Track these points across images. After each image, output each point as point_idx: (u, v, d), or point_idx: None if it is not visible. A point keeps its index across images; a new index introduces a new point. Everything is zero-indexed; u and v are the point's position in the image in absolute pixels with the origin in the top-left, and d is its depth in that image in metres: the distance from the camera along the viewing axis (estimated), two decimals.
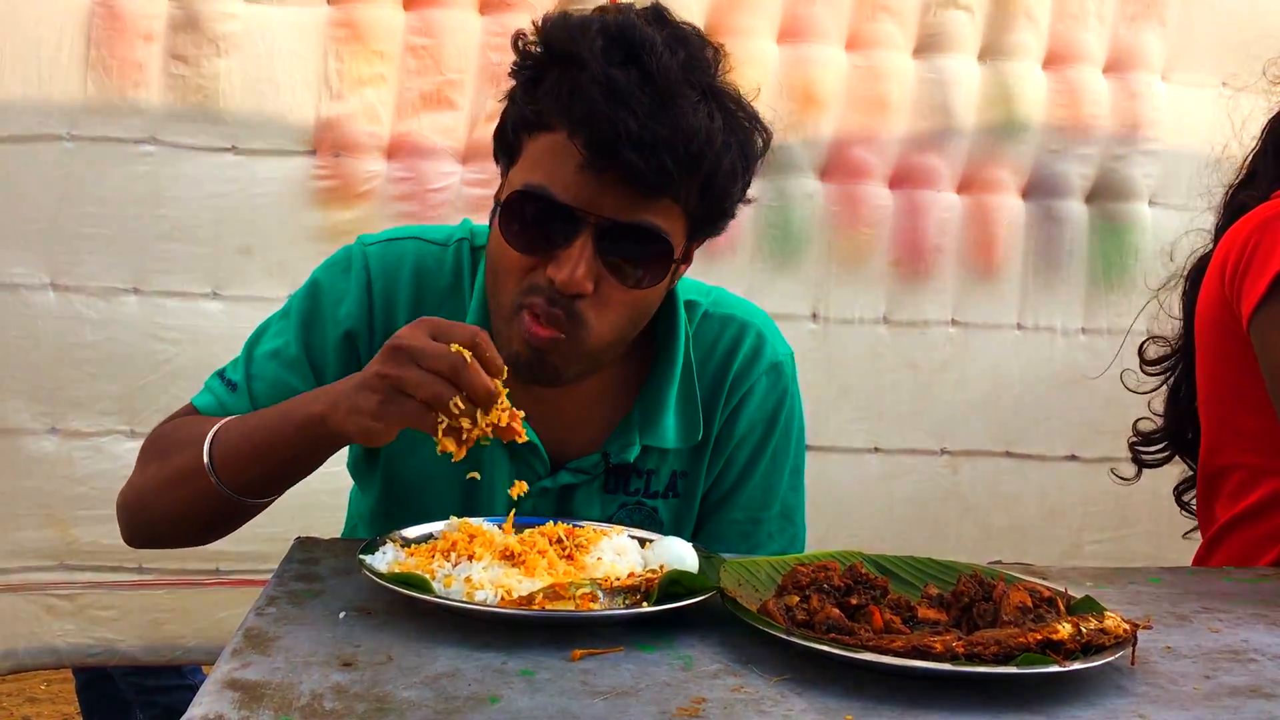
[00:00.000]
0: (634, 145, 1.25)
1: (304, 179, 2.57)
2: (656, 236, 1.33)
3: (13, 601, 2.54)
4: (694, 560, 1.29)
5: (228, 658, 1.04)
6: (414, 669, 1.04)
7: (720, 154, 1.31)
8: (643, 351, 1.52)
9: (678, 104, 1.27)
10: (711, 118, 1.30)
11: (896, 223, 2.77)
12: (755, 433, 1.57)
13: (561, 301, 1.32)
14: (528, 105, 1.34)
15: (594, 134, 1.26)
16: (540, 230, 1.33)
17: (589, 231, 1.31)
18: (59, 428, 2.53)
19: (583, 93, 1.27)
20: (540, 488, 1.49)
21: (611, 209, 1.30)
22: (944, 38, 2.74)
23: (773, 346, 1.59)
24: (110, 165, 2.50)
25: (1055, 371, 2.86)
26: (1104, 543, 2.89)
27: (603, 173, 1.28)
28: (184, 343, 2.54)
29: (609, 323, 1.36)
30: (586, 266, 1.30)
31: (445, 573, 1.19)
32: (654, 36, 1.29)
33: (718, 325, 1.56)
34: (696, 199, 1.34)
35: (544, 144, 1.33)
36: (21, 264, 2.49)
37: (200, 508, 1.39)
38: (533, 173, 1.33)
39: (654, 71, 1.26)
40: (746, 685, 1.04)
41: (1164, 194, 2.87)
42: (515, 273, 1.35)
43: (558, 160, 1.30)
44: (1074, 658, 1.05)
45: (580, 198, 1.30)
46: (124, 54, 2.49)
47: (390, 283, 1.50)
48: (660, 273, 1.37)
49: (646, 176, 1.27)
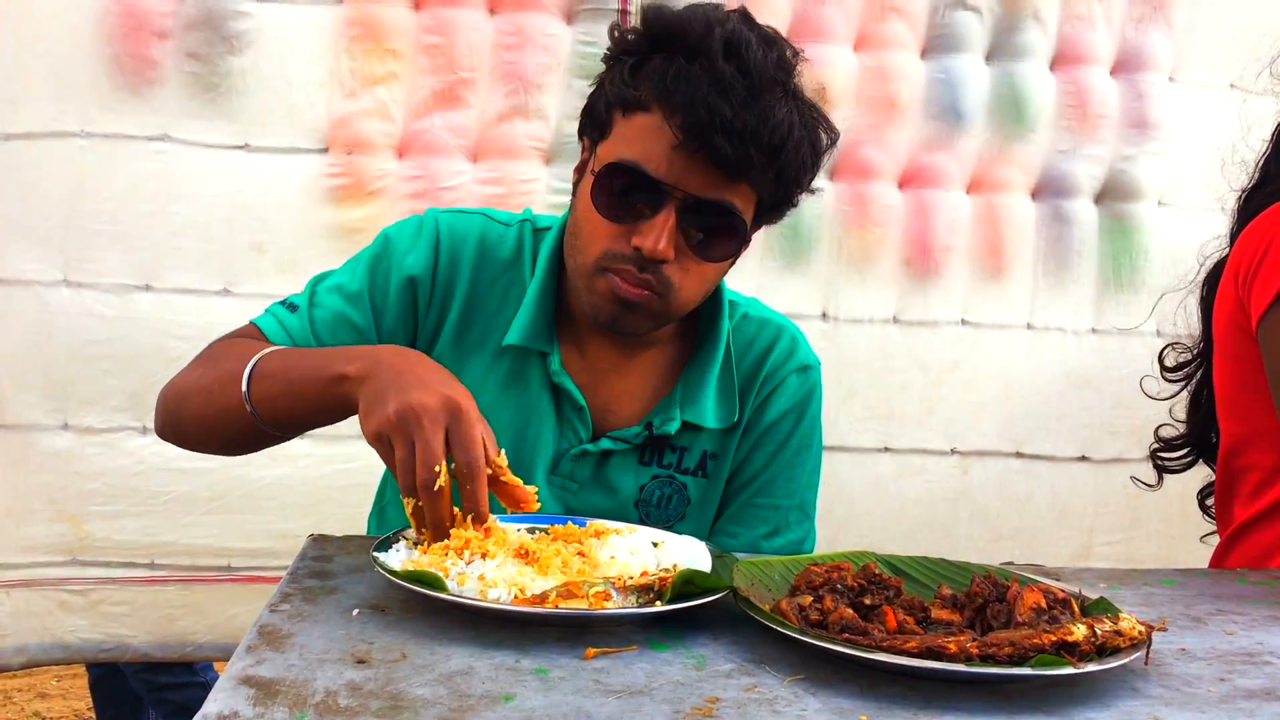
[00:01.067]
0: (726, 131, 1.36)
1: (317, 177, 2.58)
2: (732, 214, 1.45)
3: (25, 597, 2.55)
4: (707, 560, 1.30)
5: (242, 654, 1.05)
6: (428, 666, 1.04)
7: (797, 147, 1.42)
8: (687, 338, 1.65)
9: (767, 98, 1.38)
10: (792, 114, 1.41)
11: (906, 222, 2.77)
12: (783, 425, 1.67)
13: (650, 267, 1.44)
14: (627, 87, 1.44)
15: (692, 117, 1.37)
16: (629, 201, 1.44)
17: (674, 205, 1.42)
18: (71, 423, 2.54)
19: (687, 79, 1.38)
20: (582, 449, 1.59)
21: (696, 187, 1.41)
22: (952, 38, 2.75)
23: (805, 350, 1.71)
24: (123, 162, 2.51)
25: (1066, 372, 2.86)
26: (1115, 544, 2.89)
27: (694, 154, 1.39)
28: (196, 339, 2.52)
29: (687, 288, 1.48)
30: (670, 237, 1.42)
31: (459, 570, 1.19)
32: (750, 35, 1.41)
33: (756, 326, 1.69)
34: (770, 185, 1.45)
35: (640, 123, 1.43)
36: (35, 260, 2.50)
37: (226, 420, 1.45)
38: (627, 148, 1.44)
39: (751, 67, 1.38)
40: (760, 685, 1.04)
41: (1173, 195, 2.87)
42: (601, 238, 1.46)
43: (653, 139, 1.41)
44: (1089, 659, 1.05)
45: (670, 174, 1.41)
46: (138, 51, 2.50)
47: (457, 247, 1.60)
48: (731, 248, 1.49)
49: (732, 161, 1.38)
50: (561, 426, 1.60)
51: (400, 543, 1.29)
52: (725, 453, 1.66)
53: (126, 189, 2.51)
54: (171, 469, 2.53)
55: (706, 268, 1.48)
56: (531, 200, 2.58)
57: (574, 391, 1.57)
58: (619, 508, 1.60)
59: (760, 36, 1.43)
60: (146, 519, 2.55)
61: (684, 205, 1.42)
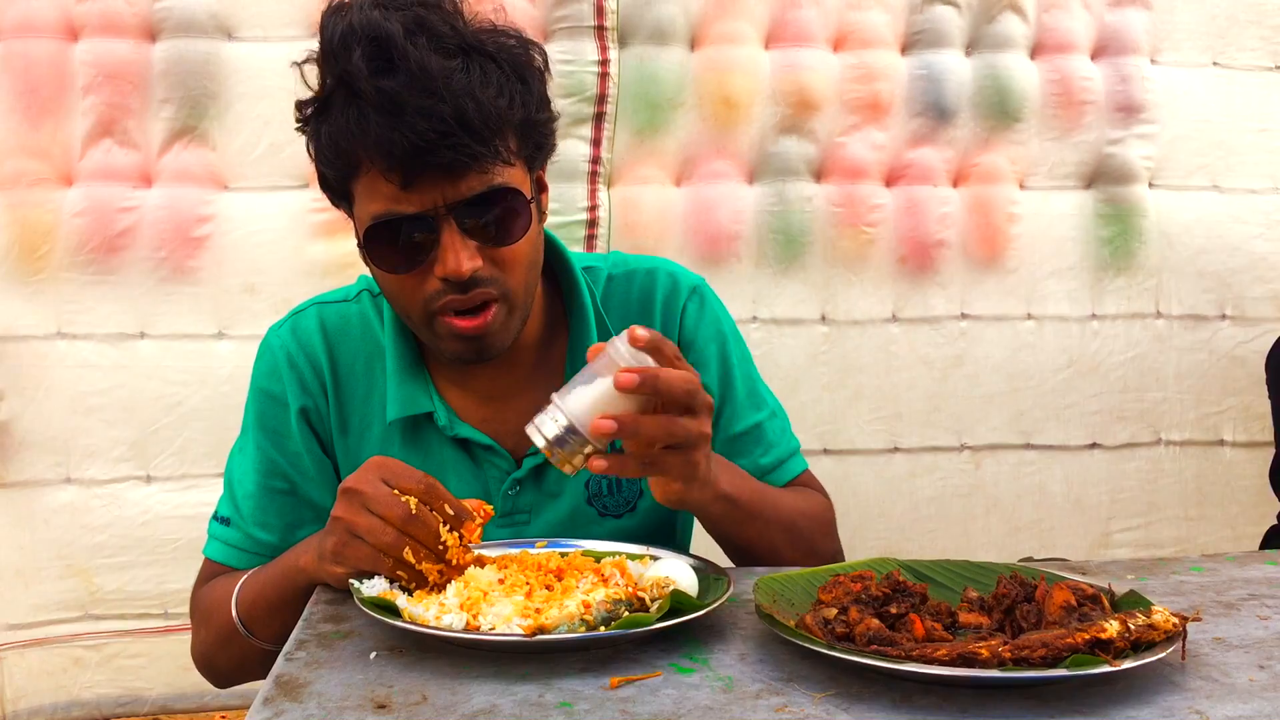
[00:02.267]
0: (429, 150, 1.31)
1: (301, 213, 2.57)
2: (505, 193, 1.39)
3: (40, 656, 2.53)
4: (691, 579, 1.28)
5: (259, 707, 1.02)
6: (450, 708, 1.02)
7: (511, 101, 1.37)
8: (559, 327, 1.61)
9: (447, 86, 1.31)
10: (486, 80, 1.35)
11: (897, 220, 2.77)
12: (707, 353, 1.63)
13: (470, 285, 1.39)
14: (332, 153, 1.39)
15: (394, 156, 1.32)
16: (408, 245, 1.39)
17: (448, 222, 1.37)
18: (74, 477, 2.52)
19: (365, 121, 1.32)
20: (511, 481, 1.55)
21: (451, 195, 1.36)
22: (932, 33, 2.75)
23: (685, 276, 1.66)
24: (109, 210, 2.50)
25: (1070, 360, 2.85)
26: (1134, 529, 2.87)
27: (422, 175, 1.34)
28: (194, 385, 2.54)
29: (514, 276, 1.43)
30: (466, 250, 1.37)
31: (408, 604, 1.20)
32: (390, 27, 1.32)
33: (625, 281, 1.64)
34: (514, 144, 1.41)
35: (365, 181, 1.38)
36: (29, 314, 2.49)
37: (250, 659, 1.48)
38: (373, 204, 1.38)
39: (413, 67, 1.30)
40: (790, 704, 1.02)
41: (1163, 175, 2.86)
42: (410, 290, 1.42)
43: (384, 185, 1.36)
44: (1124, 656, 1.02)
45: (422, 202, 1.36)
46: (114, 99, 2.50)
47: (309, 353, 1.57)
48: (526, 218, 1.43)
49: (459, 160, 1.33)
50: (481, 471, 1.56)
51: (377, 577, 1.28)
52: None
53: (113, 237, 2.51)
54: (178, 516, 2.52)
55: (516, 251, 1.43)
56: None
57: (475, 434, 1.54)
58: (574, 513, 1.56)
59: (407, 22, 1.33)
60: (157, 568, 2.53)
61: (457, 216, 1.37)
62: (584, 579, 1.25)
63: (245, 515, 1.56)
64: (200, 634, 1.56)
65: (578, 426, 1.24)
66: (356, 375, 1.57)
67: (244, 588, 1.46)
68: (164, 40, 2.52)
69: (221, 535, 1.58)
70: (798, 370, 2.73)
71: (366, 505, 1.24)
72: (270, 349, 1.59)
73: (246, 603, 1.45)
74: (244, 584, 1.46)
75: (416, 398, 1.53)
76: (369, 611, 1.18)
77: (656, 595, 1.20)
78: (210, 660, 1.56)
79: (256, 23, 2.55)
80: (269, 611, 1.42)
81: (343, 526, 1.25)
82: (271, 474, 1.56)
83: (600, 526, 1.57)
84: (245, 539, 1.55)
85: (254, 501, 1.55)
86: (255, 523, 1.55)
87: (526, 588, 1.22)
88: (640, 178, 2.70)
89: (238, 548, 1.56)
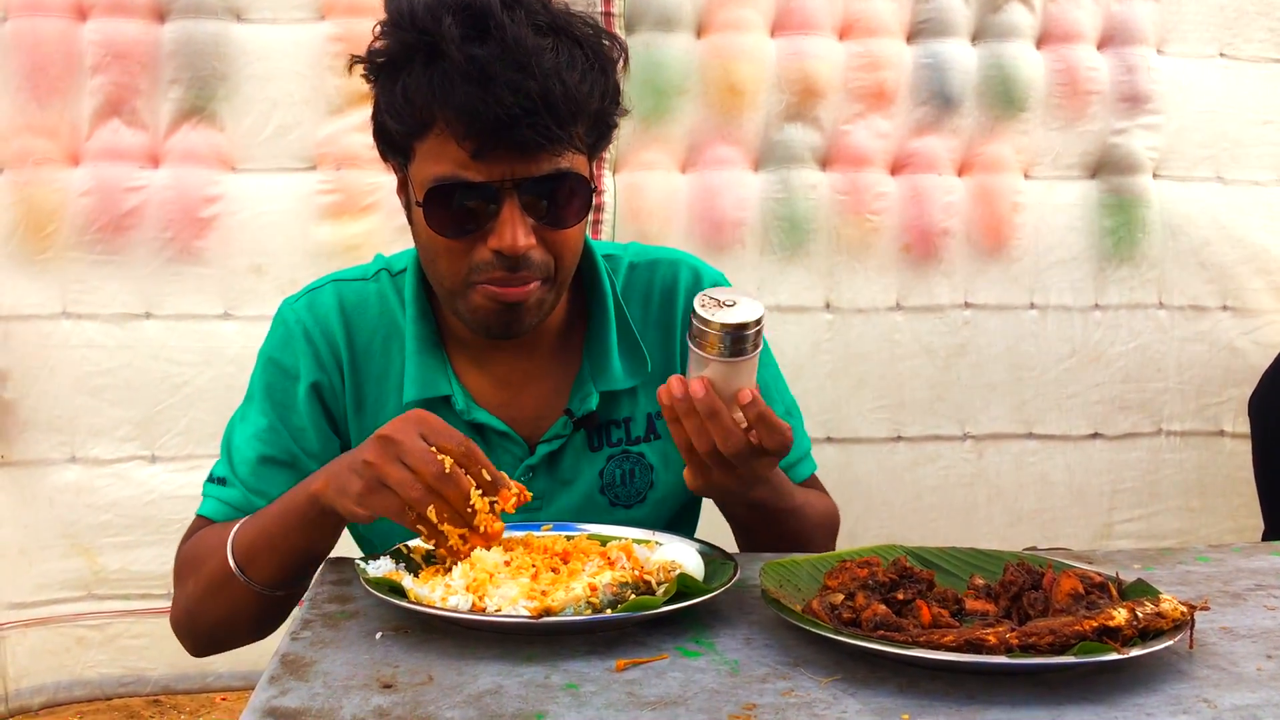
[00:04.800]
0: (510, 123, 1.31)
1: (308, 195, 2.57)
2: (567, 176, 1.40)
3: (42, 635, 2.53)
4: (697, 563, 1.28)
5: (265, 685, 1.03)
6: (456, 688, 1.02)
7: (589, 92, 1.38)
8: (579, 314, 1.60)
9: (538, 63, 1.32)
10: (573, 64, 1.36)
11: (902, 209, 2.77)
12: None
13: (519, 263, 1.39)
14: (403, 112, 1.38)
15: (474, 121, 1.32)
16: (467, 213, 1.39)
17: (510, 196, 1.37)
18: (79, 456, 2.52)
19: (450, 83, 1.32)
20: (524, 468, 1.54)
21: (520, 171, 1.36)
22: (938, 22, 2.75)
23: (707, 269, 1.66)
24: (116, 190, 2.50)
25: (1072, 350, 2.85)
26: (1135, 520, 2.87)
27: (496, 149, 1.34)
28: (199, 365, 2.54)
29: (563, 262, 1.45)
30: (523, 226, 1.37)
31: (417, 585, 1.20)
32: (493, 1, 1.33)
33: (647, 271, 1.64)
34: (585, 133, 1.42)
35: (435, 141, 1.38)
36: (35, 294, 2.49)
37: (240, 610, 1.44)
38: (438, 166, 1.38)
39: (508, 39, 1.31)
40: (797, 689, 1.02)
41: (1168, 166, 2.86)
42: (457, 257, 1.41)
43: (455, 150, 1.35)
44: (1132, 644, 1.03)
45: (490, 173, 1.36)
46: (123, 79, 2.49)
47: (325, 329, 1.56)
48: (583, 205, 1.44)
49: (536, 139, 1.33)
50: (495, 456, 1.53)
51: (384, 558, 1.30)
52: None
53: (120, 217, 2.51)
54: (183, 496, 2.52)
55: (569, 235, 1.44)
56: None
57: (491, 419, 1.53)
58: (586, 501, 1.56)
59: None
60: (161, 548, 2.53)
61: (521, 192, 1.37)
62: (590, 562, 1.25)
63: (241, 481, 1.53)
64: (186, 588, 1.50)
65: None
66: (373, 354, 1.56)
67: (242, 528, 1.41)
68: (173, 20, 2.51)
69: (218, 494, 1.54)
70: (801, 358, 2.73)
71: (400, 456, 1.21)
72: (285, 322, 1.58)
73: (245, 543, 1.39)
74: (242, 525, 1.42)
75: (435, 380, 1.53)
76: (374, 592, 1.18)
77: (663, 579, 1.20)
78: (193, 616, 1.50)
79: (266, 4, 2.54)
80: (270, 548, 1.37)
81: (373, 473, 1.22)
82: (273, 444, 1.54)
83: (611, 516, 1.56)
84: (243, 499, 1.52)
85: (251, 468, 1.53)
86: (251, 490, 1.52)
87: (532, 570, 1.22)
88: (645, 164, 2.69)
89: (235, 506, 1.52)
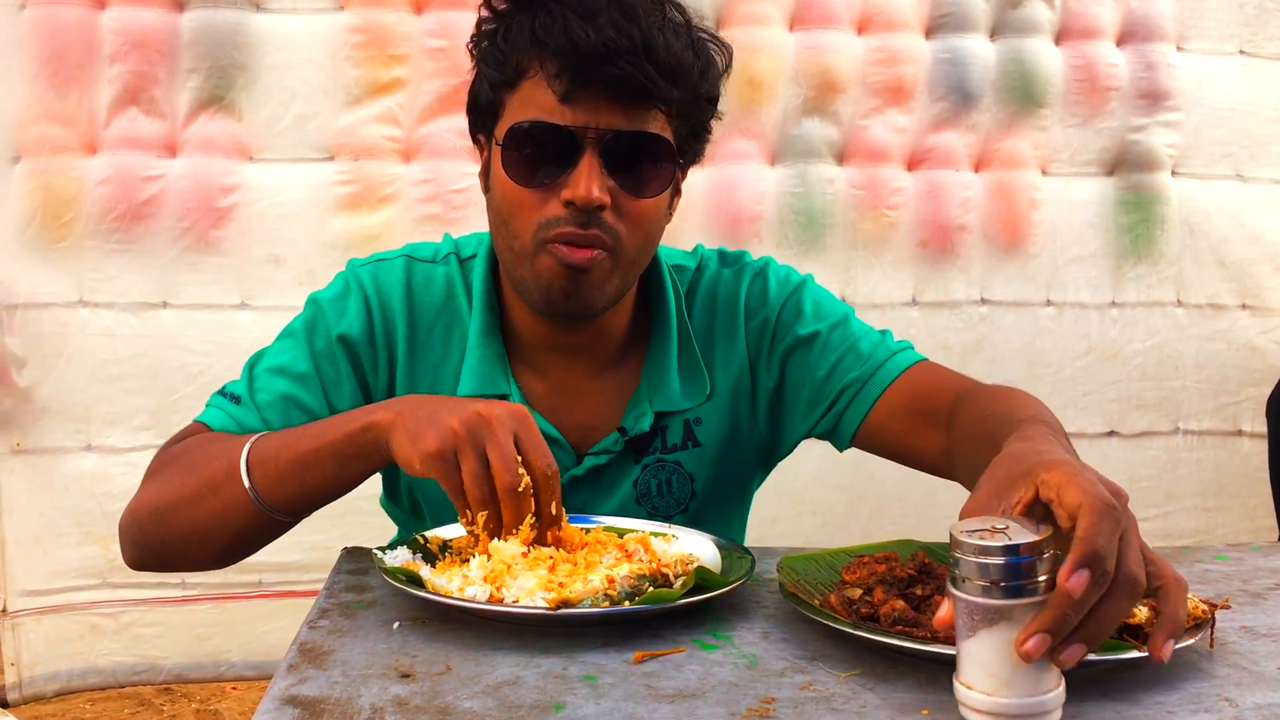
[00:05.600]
0: (609, 56, 1.29)
1: (326, 185, 2.57)
2: (656, 140, 1.37)
3: (56, 623, 2.54)
4: (714, 556, 1.28)
5: (284, 673, 1.03)
6: (474, 678, 1.02)
7: (690, 61, 1.36)
8: (642, 328, 1.56)
9: (643, 15, 1.31)
10: (676, 31, 1.35)
11: (919, 204, 2.76)
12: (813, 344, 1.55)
13: (589, 220, 1.35)
14: (501, 62, 1.37)
15: (572, 56, 1.30)
16: (545, 159, 1.36)
17: (592, 148, 1.34)
18: (95, 445, 2.53)
19: (551, 25, 1.31)
20: (569, 477, 1.50)
21: (606, 121, 1.33)
22: (957, 17, 2.74)
23: (775, 274, 1.60)
24: (133, 179, 2.51)
25: (1089, 347, 2.84)
26: (1151, 519, 2.86)
27: (587, 89, 1.31)
28: (216, 354, 2.54)
29: (632, 235, 1.39)
30: (599, 179, 1.33)
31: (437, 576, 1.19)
32: None
33: (713, 280, 1.59)
34: (677, 105, 1.37)
35: (527, 88, 1.36)
36: (52, 282, 2.49)
37: (227, 522, 1.34)
38: (522, 113, 1.36)
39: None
40: (815, 683, 1.02)
41: (1186, 163, 2.85)
42: (528, 211, 1.37)
43: (544, 94, 1.33)
44: None
45: (576, 117, 1.33)
46: (141, 68, 2.50)
47: (385, 299, 1.51)
48: (665, 177, 1.40)
49: (628, 85, 1.31)
50: None
51: (400, 548, 1.28)
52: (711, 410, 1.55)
53: (138, 206, 2.51)
54: None
55: (645, 207, 1.39)
56: None
57: (544, 425, 1.47)
58: (621, 511, 1.52)
59: None
60: None
61: (603, 145, 1.33)
62: (608, 554, 1.25)
63: (259, 408, 1.44)
64: (167, 486, 1.38)
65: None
66: (434, 340, 1.52)
67: (265, 438, 1.32)
68: (192, 10, 2.52)
69: (228, 409, 1.45)
70: None
71: (485, 446, 1.16)
72: (348, 281, 1.53)
73: (269, 452, 1.30)
74: (266, 434, 1.33)
75: (494, 377, 1.49)
76: (392, 581, 1.18)
77: (680, 571, 1.20)
78: (162, 518, 1.37)
79: None
80: (295, 463, 1.28)
81: (452, 444, 1.16)
82: (304, 391, 1.46)
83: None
84: (259, 425, 1.42)
85: (273, 400, 1.45)
86: (265, 422, 1.42)
87: (550, 561, 1.22)
88: None
89: (243, 427, 1.42)
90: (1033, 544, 0.85)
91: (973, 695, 0.87)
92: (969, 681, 0.87)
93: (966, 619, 0.87)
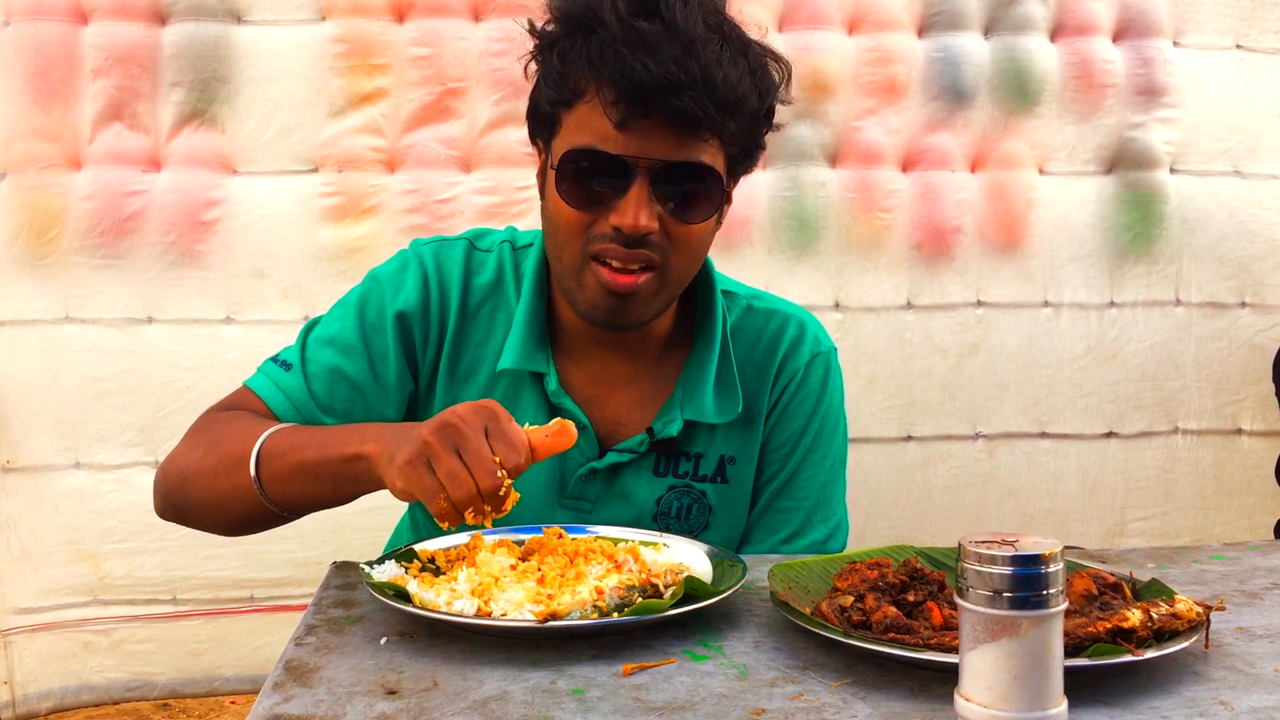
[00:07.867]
0: (667, 89, 1.31)
1: (310, 197, 2.56)
2: (705, 171, 1.40)
3: (49, 640, 2.53)
4: (705, 565, 1.26)
5: (269, 691, 1.01)
6: (460, 694, 1.00)
7: (748, 91, 1.38)
8: (685, 335, 1.60)
9: (702, 48, 1.33)
10: (734, 60, 1.37)
11: (913, 206, 2.74)
12: (797, 419, 1.61)
13: (636, 245, 1.39)
14: (560, 80, 1.40)
15: (628, 84, 1.32)
16: (597, 185, 1.40)
17: (643, 177, 1.37)
18: (83, 461, 2.52)
19: (608, 51, 1.34)
20: (589, 468, 1.54)
21: (660, 152, 1.37)
22: (949, 15, 2.72)
23: (816, 338, 1.64)
24: (118, 194, 2.49)
25: (1087, 348, 2.82)
26: (1149, 519, 2.84)
27: (643, 118, 1.34)
28: (202, 370, 2.53)
29: (678, 259, 1.44)
30: (647, 209, 1.37)
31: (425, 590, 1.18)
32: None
33: (761, 319, 1.63)
34: (732, 134, 1.40)
35: (583, 110, 1.39)
36: (38, 299, 2.48)
37: (234, 504, 1.41)
38: (580, 135, 1.39)
39: (675, 21, 1.33)
40: (806, 693, 1.00)
41: (1185, 160, 2.83)
42: (578, 230, 1.42)
43: (600, 119, 1.36)
44: (1147, 645, 1.01)
45: (629, 147, 1.36)
46: (124, 83, 2.49)
47: (445, 278, 1.56)
48: (712, 206, 1.44)
49: (684, 117, 1.34)
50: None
51: (388, 562, 1.28)
52: (746, 455, 1.60)
53: (122, 220, 2.50)
54: None
55: (692, 232, 1.43)
56: (530, 206, 2.55)
57: (575, 410, 1.52)
58: (636, 522, 1.54)
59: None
60: (165, 554, 2.53)
61: (653, 174, 1.37)
62: (597, 565, 1.23)
63: (308, 377, 1.51)
64: (195, 451, 1.46)
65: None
66: (480, 320, 1.57)
67: (278, 436, 1.38)
68: (174, 23, 2.51)
69: (276, 376, 1.52)
70: None
71: (461, 451, 1.18)
72: (409, 258, 1.58)
73: (275, 453, 1.36)
74: (278, 432, 1.38)
75: (534, 356, 1.52)
76: (379, 596, 1.17)
77: (670, 581, 1.19)
78: (186, 482, 1.45)
79: (266, 6, 2.54)
80: (297, 470, 1.35)
81: (425, 453, 1.18)
82: (351, 363, 1.52)
83: None
84: (302, 394, 1.50)
85: (321, 371, 1.51)
86: (312, 391, 1.50)
87: (539, 574, 1.21)
88: None
89: (289, 396, 1.50)
90: (1040, 556, 0.83)
91: (970, 708, 0.85)
92: (968, 694, 0.86)
93: (971, 630, 0.85)
